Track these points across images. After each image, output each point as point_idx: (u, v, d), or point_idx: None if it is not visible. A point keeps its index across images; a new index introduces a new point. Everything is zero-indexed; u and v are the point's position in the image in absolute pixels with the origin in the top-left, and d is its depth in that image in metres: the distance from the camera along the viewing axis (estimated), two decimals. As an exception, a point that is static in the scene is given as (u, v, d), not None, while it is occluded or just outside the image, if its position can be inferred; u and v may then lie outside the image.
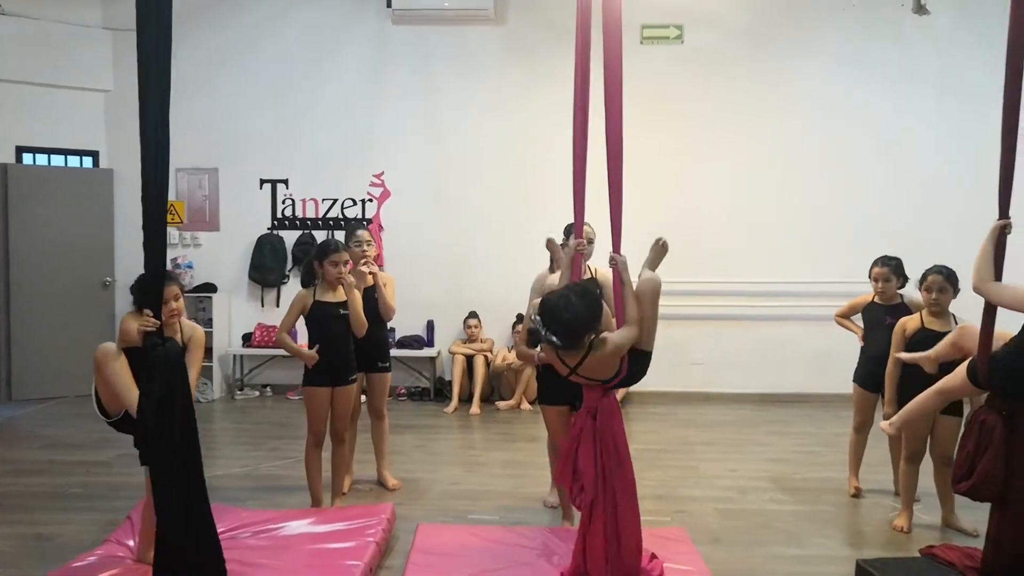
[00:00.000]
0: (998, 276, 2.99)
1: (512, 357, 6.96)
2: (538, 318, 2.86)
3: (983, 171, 3.14)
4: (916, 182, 7.14)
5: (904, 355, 3.80)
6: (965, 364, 3.16)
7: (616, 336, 2.95)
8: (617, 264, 3.04)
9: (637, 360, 3.03)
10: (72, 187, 7.38)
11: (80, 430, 5.96)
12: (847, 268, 4.64)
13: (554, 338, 2.82)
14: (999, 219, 3.00)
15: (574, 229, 3.30)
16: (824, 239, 7.15)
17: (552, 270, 3.93)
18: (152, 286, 2.87)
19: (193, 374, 3.19)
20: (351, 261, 4.37)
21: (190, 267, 7.48)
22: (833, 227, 7.15)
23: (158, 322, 2.86)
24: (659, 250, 3.20)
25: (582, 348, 2.91)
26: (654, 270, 3.12)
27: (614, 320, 3.06)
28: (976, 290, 2.98)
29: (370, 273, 4.37)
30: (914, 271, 4.14)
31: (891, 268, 4.32)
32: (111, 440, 5.55)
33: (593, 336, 2.92)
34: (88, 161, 7.56)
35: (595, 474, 2.96)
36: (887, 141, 7.19)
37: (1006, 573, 2.90)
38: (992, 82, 3.58)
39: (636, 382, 3.18)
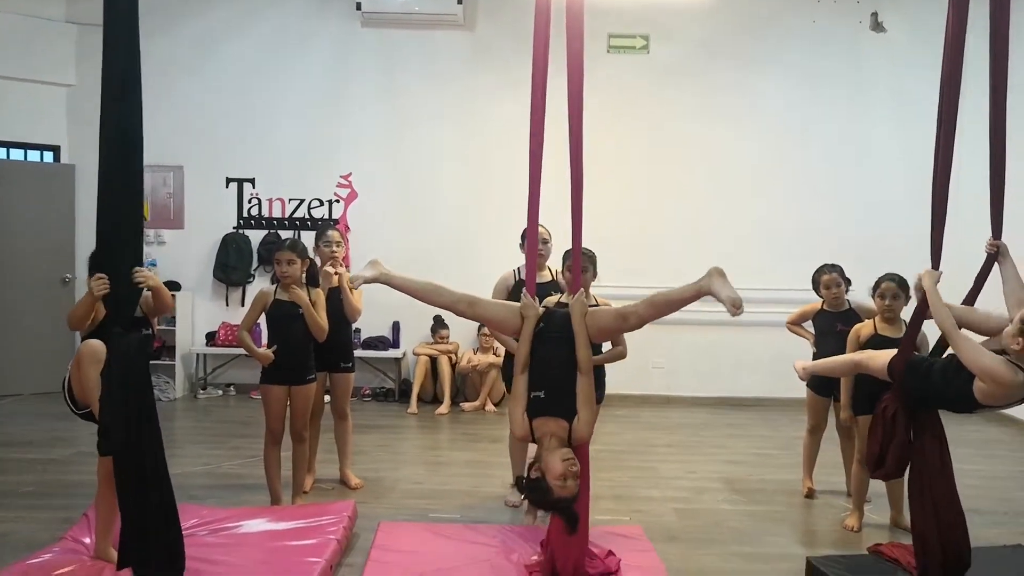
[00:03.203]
0: (976, 295, 3.20)
1: (477, 359, 7.00)
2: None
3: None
4: (869, 192, 7.36)
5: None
6: (890, 357, 3.25)
7: (583, 423, 2.94)
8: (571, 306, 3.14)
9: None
10: (32, 182, 7.25)
11: (36, 428, 5.86)
12: (803, 275, 4.79)
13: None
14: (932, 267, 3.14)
15: (527, 234, 3.40)
16: (780, 247, 7.30)
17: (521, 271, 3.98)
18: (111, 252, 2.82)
19: None
20: (320, 260, 4.39)
21: (153, 265, 7.38)
22: (789, 235, 7.31)
23: (107, 287, 2.81)
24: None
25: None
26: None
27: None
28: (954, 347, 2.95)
29: (335, 274, 4.38)
30: (867, 279, 4.27)
31: (839, 272, 4.51)
32: (67, 438, 5.49)
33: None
34: (49, 156, 7.44)
35: None
36: (842, 152, 7.40)
37: (938, 564, 3.02)
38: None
39: None
